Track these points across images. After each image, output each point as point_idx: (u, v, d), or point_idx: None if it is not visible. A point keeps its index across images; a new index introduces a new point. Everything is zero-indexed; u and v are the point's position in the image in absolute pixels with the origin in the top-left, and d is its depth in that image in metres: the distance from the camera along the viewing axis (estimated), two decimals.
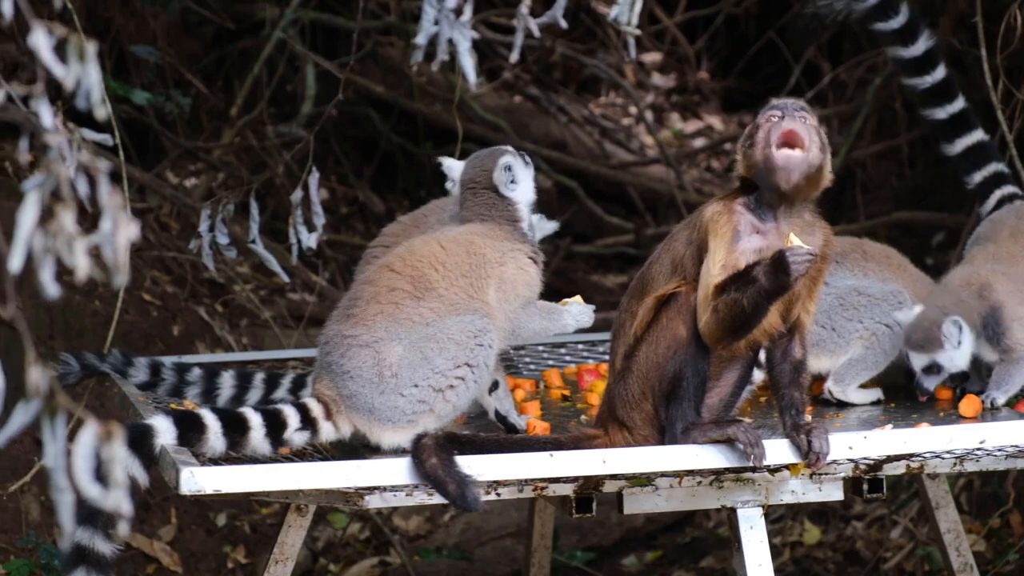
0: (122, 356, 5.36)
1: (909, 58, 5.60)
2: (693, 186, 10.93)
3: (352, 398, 4.57)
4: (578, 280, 10.52)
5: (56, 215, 2.69)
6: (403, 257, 4.75)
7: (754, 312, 4.32)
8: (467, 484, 4.21)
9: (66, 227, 2.69)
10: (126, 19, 8.83)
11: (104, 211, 2.73)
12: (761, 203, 4.42)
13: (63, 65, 2.77)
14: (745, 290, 4.28)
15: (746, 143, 4.44)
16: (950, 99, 5.70)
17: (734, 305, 4.30)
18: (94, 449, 2.69)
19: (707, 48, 12.85)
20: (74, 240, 2.70)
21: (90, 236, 2.72)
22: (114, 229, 2.72)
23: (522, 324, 4.80)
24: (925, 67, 5.62)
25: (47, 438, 2.71)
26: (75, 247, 2.70)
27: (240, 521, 7.66)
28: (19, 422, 2.72)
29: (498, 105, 11.23)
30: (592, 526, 7.97)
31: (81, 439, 2.69)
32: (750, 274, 4.28)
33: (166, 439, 4.28)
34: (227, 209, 5.87)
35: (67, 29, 2.77)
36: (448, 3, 4.04)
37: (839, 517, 7.96)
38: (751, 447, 4.31)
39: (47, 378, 2.67)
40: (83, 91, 2.81)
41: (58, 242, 2.70)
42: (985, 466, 4.78)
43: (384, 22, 9.93)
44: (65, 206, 2.69)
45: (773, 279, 4.25)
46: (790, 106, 4.41)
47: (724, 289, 4.31)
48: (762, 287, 4.26)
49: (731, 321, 4.33)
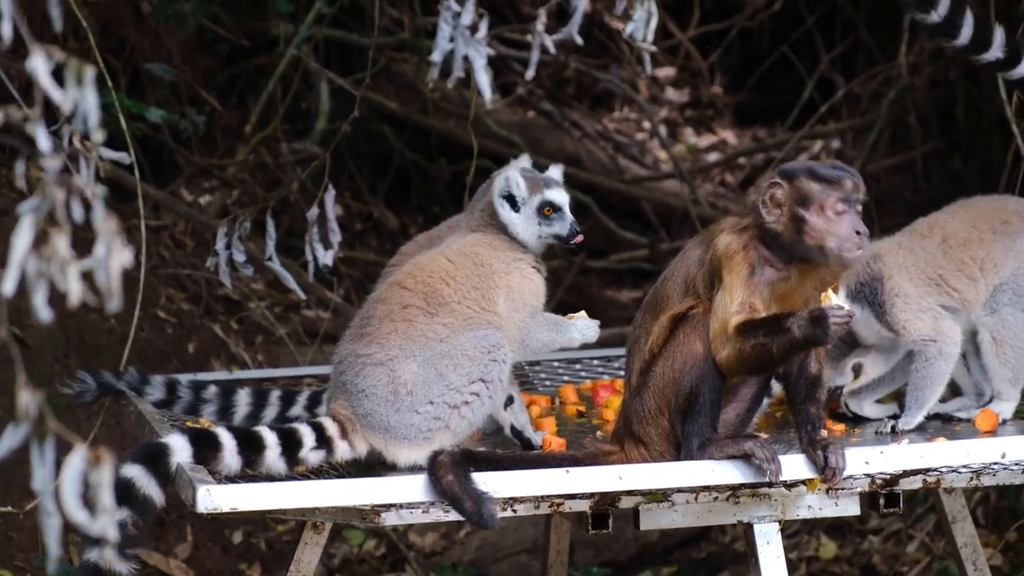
0: (138, 374, 5.36)
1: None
2: (707, 200, 10.92)
3: (367, 417, 4.57)
4: (592, 295, 10.52)
5: (50, 239, 2.70)
6: (413, 274, 4.74)
7: (782, 358, 4.34)
8: (483, 501, 4.20)
9: (60, 251, 2.69)
10: (141, 37, 8.85)
11: (98, 236, 2.72)
12: (777, 243, 4.41)
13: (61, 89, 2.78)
14: (775, 337, 4.27)
15: (796, 205, 4.37)
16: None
17: (761, 349, 4.30)
18: (82, 474, 2.68)
19: (721, 62, 12.85)
20: (67, 264, 2.70)
21: (83, 260, 2.72)
22: (108, 254, 2.72)
23: (530, 334, 4.78)
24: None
25: (36, 461, 2.70)
26: (68, 271, 2.70)
27: (256, 538, 7.66)
28: (7, 445, 2.72)
29: (512, 120, 11.24)
30: (608, 542, 7.96)
31: (70, 464, 2.68)
32: (782, 323, 4.27)
33: (182, 457, 4.28)
34: (243, 227, 5.88)
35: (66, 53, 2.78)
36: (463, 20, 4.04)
37: (855, 532, 7.94)
38: (767, 462, 4.30)
39: (36, 401, 2.66)
40: (80, 115, 2.82)
41: (52, 266, 2.70)
42: (1002, 480, 4.76)
43: (398, 38, 9.94)
44: (59, 230, 2.69)
45: (809, 334, 4.25)
46: (859, 200, 4.38)
47: (750, 331, 4.30)
48: (794, 339, 4.26)
49: (756, 362, 4.35)
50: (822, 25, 11.55)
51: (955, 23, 5.20)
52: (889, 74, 9.77)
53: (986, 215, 5.21)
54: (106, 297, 2.72)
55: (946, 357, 5.04)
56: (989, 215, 5.21)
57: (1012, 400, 5.10)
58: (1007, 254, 5.13)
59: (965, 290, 5.10)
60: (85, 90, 2.80)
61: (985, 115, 8.48)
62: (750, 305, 4.34)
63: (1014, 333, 5.09)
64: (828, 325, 4.23)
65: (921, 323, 5.02)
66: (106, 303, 2.73)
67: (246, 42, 9.44)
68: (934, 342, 5.04)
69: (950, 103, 8.94)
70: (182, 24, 7.96)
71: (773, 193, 4.40)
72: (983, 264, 5.12)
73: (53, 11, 2.90)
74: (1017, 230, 5.18)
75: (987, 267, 5.12)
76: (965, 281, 5.10)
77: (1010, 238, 5.16)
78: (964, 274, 5.10)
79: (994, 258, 5.12)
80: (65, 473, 2.69)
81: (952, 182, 8.66)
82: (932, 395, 5.03)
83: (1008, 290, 5.12)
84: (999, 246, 5.14)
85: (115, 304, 2.72)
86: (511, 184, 4.84)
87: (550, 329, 4.82)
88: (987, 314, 5.11)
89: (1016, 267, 5.13)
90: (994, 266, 5.12)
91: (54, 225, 2.71)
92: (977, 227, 5.17)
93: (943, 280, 5.09)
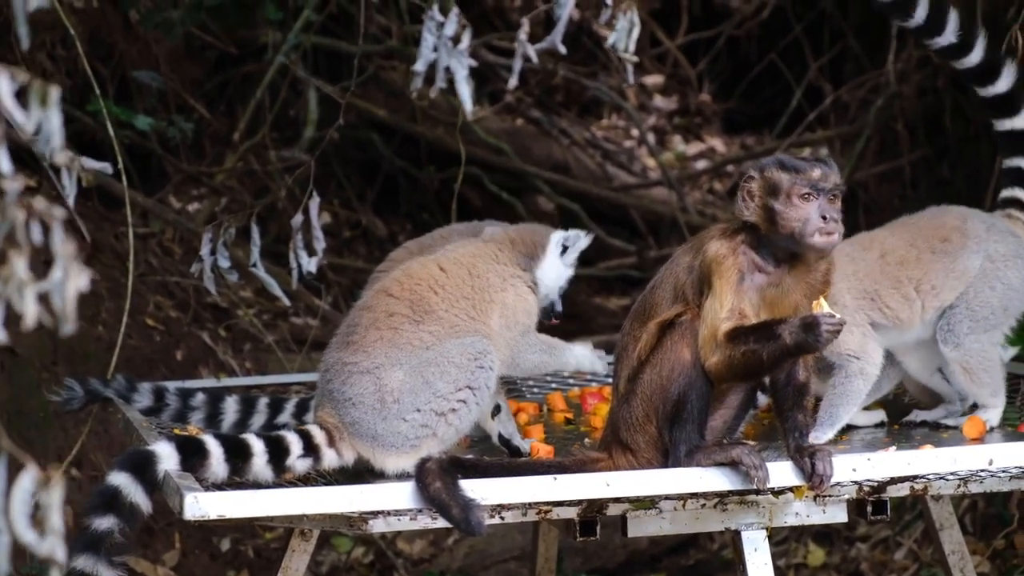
0: (126, 381, 5.36)
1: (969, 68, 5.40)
2: (695, 208, 10.93)
3: (355, 425, 4.57)
4: (580, 303, 10.52)
5: (8, 260, 2.69)
6: (400, 281, 4.75)
7: (772, 365, 4.34)
8: (471, 508, 4.20)
9: (18, 273, 2.69)
10: (129, 44, 8.85)
11: (56, 259, 2.72)
12: (765, 244, 4.43)
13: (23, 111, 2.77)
14: (766, 344, 4.28)
15: (767, 196, 4.42)
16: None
17: (752, 356, 4.30)
18: (31, 494, 2.68)
19: (709, 70, 12.87)
20: (25, 286, 2.69)
21: (40, 283, 2.71)
22: (64, 277, 2.71)
23: (521, 353, 4.82)
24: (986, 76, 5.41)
25: None
26: (25, 293, 2.70)
27: (244, 546, 7.65)
28: None
29: (500, 128, 11.25)
30: (596, 549, 7.96)
31: (19, 484, 2.68)
32: (773, 330, 4.28)
33: (169, 465, 4.28)
34: (229, 233, 5.88)
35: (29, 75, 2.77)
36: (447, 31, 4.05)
37: (843, 539, 7.95)
38: (755, 469, 4.31)
39: None
40: (44, 136, 2.81)
41: (8, 287, 2.70)
42: (989, 487, 4.77)
43: (386, 46, 9.94)
44: (19, 251, 2.69)
45: (801, 341, 4.25)
46: (827, 189, 4.40)
47: (740, 337, 4.31)
48: (785, 345, 4.26)
49: (746, 369, 4.35)
50: (810, 33, 11.58)
51: (940, 23, 5.21)
52: (877, 82, 9.78)
53: (925, 233, 5.14)
54: (61, 320, 2.72)
55: (865, 377, 5.03)
56: (928, 233, 5.14)
57: (998, 407, 5.10)
58: (947, 275, 5.07)
59: (899, 309, 5.06)
60: (49, 110, 2.80)
61: (973, 123, 8.49)
62: (740, 311, 4.35)
63: (983, 357, 5.07)
64: (820, 332, 4.23)
65: (850, 337, 4.99)
66: (60, 326, 2.72)
67: (234, 50, 9.43)
68: (857, 359, 5.02)
69: (938, 111, 8.96)
70: (170, 32, 7.95)
71: (748, 187, 4.44)
72: (919, 284, 5.07)
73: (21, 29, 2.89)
74: (957, 248, 5.11)
75: (924, 288, 5.07)
76: (899, 299, 5.06)
77: (949, 257, 5.09)
78: (899, 292, 5.07)
79: (931, 279, 5.07)
80: (15, 493, 2.68)
81: (940, 190, 8.67)
82: (846, 413, 5.02)
83: (965, 319, 5.06)
84: (938, 266, 5.08)
85: (69, 327, 2.72)
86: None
87: (543, 351, 4.86)
88: (952, 349, 5.06)
89: (962, 291, 5.09)
90: (932, 287, 5.07)
91: (13, 246, 2.71)
92: (916, 245, 5.12)
93: (878, 295, 5.05)
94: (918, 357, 5.23)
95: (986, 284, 5.08)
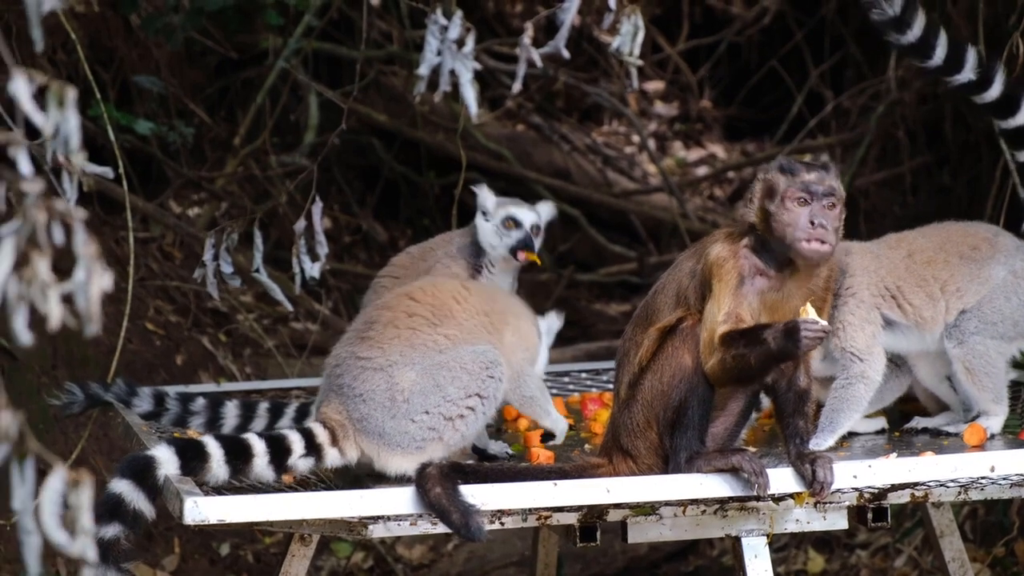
0: (126, 386, 5.36)
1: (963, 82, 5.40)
2: (696, 214, 10.93)
3: (363, 421, 4.58)
4: (581, 308, 10.52)
5: (31, 262, 2.69)
6: (424, 288, 4.83)
7: (761, 369, 4.36)
8: (471, 513, 4.20)
9: (40, 274, 2.69)
10: (130, 49, 8.85)
11: (79, 260, 2.72)
12: (768, 248, 4.43)
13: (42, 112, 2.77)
14: (753, 348, 4.29)
15: (765, 197, 4.44)
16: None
17: (741, 360, 4.31)
18: (62, 495, 2.68)
19: (710, 76, 12.87)
20: (48, 288, 2.70)
21: (64, 284, 2.71)
22: (88, 278, 2.71)
23: (524, 380, 4.91)
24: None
25: (16, 481, 2.70)
26: (49, 295, 2.70)
27: (244, 550, 7.65)
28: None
29: (501, 133, 11.24)
30: (596, 555, 7.95)
31: (49, 485, 2.68)
32: (760, 335, 4.29)
33: (169, 469, 4.28)
34: (231, 238, 5.88)
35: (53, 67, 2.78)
36: (451, 34, 4.05)
37: (843, 545, 7.94)
38: (755, 476, 4.31)
39: (17, 423, 2.66)
40: (62, 137, 2.81)
41: (32, 289, 2.70)
42: (990, 494, 4.77)
43: (387, 51, 9.95)
44: (40, 253, 2.69)
45: (782, 346, 4.26)
46: (821, 191, 4.40)
47: (732, 341, 4.32)
48: (769, 350, 4.28)
49: (738, 373, 4.36)
50: (811, 40, 11.58)
51: (930, 44, 5.22)
52: (878, 89, 9.78)
53: (956, 239, 5.19)
54: (85, 321, 2.71)
55: (867, 382, 5.02)
56: (958, 239, 5.19)
57: (999, 415, 5.10)
58: (972, 280, 5.11)
59: (922, 307, 5.07)
60: (66, 112, 2.80)
61: (973, 130, 8.48)
62: (736, 315, 4.35)
63: (986, 360, 5.07)
64: (800, 338, 4.24)
65: (859, 333, 5.01)
66: (85, 327, 2.72)
67: (235, 55, 9.43)
68: (860, 361, 5.02)
69: (939, 118, 8.95)
70: (171, 37, 7.95)
71: (753, 188, 4.47)
72: (945, 285, 5.09)
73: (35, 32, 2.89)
74: (985, 256, 5.15)
75: (949, 289, 5.10)
76: (923, 297, 5.08)
77: (977, 264, 5.13)
78: (923, 291, 5.09)
79: (957, 282, 5.10)
80: (45, 494, 2.68)
81: (940, 197, 8.67)
82: (847, 419, 5.01)
83: (974, 318, 5.08)
84: (964, 271, 5.11)
85: (94, 328, 2.72)
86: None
87: (539, 389, 4.98)
88: (955, 346, 5.08)
89: (983, 295, 5.11)
90: (956, 290, 5.10)
91: (35, 248, 2.71)
92: (944, 249, 5.15)
93: (900, 292, 5.07)
94: (928, 362, 5.24)
95: (1003, 294, 5.11)
